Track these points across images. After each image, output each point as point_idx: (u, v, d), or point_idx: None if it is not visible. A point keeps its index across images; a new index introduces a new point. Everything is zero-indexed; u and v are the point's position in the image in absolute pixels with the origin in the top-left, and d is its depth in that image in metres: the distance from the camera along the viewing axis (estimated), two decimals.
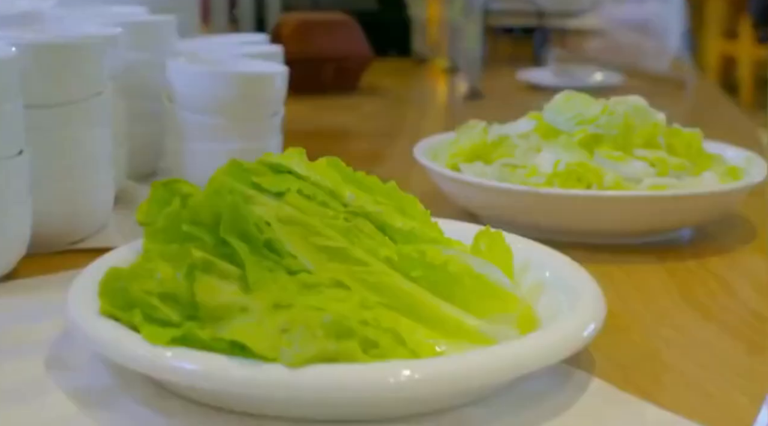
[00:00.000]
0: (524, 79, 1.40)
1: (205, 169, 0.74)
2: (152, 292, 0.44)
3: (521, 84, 1.40)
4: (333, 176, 0.51)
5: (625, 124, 0.67)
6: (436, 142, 0.77)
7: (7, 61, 0.55)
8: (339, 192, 0.50)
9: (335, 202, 0.50)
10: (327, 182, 0.50)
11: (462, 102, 1.27)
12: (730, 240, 0.69)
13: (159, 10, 0.88)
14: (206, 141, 0.75)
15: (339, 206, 0.49)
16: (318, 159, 0.53)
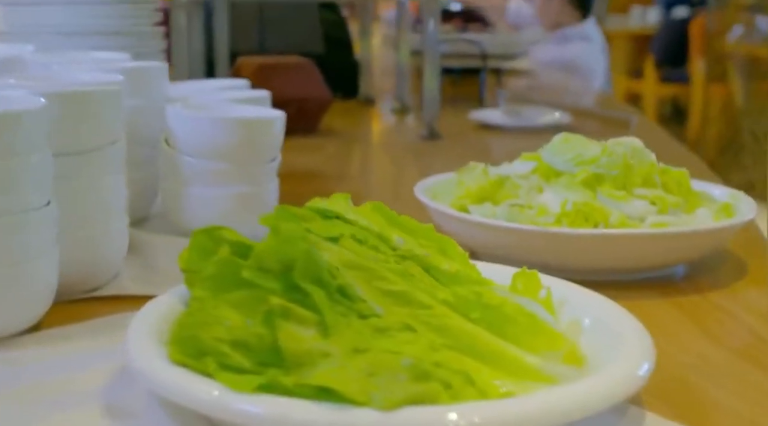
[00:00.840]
0: (476, 119, 1.44)
1: (206, 213, 0.75)
2: (223, 339, 0.44)
3: (473, 123, 1.44)
4: (378, 220, 0.52)
5: (625, 165, 0.70)
6: (431, 184, 0.79)
7: (37, 112, 0.55)
8: (387, 236, 0.51)
9: (384, 246, 0.51)
10: (374, 226, 0.51)
11: (421, 142, 1.29)
12: (724, 273, 0.72)
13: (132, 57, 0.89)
14: (208, 185, 0.75)
15: (388, 250, 0.50)
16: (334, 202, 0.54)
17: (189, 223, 0.76)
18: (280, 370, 0.42)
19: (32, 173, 0.55)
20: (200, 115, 0.75)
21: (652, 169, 0.72)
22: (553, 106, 1.45)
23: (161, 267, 0.70)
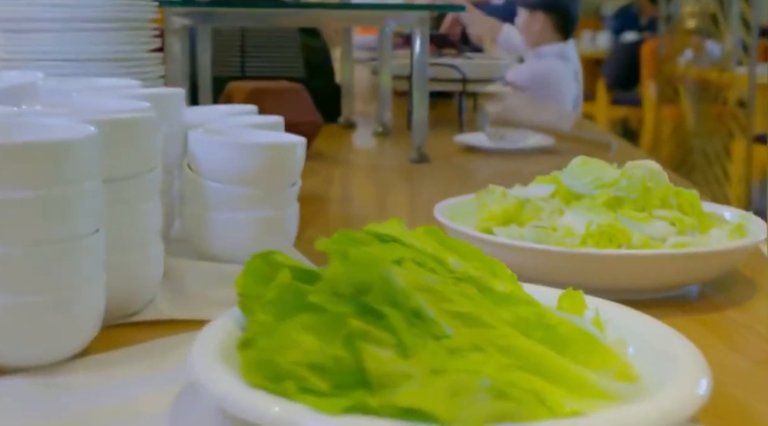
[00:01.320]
0: (461, 142, 1.46)
1: (230, 237, 0.76)
2: (300, 363, 0.45)
3: (458, 146, 1.46)
4: (432, 243, 0.53)
5: (644, 187, 0.72)
6: (447, 207, 0.80)
7: (89, 140, 0.55)
8: (443, 258, 0.52)
9: (442, 269, 0.52)
10: (430, 249, 0.53)
11: (412, 165, 1.31)
12: (736, 291, 0.75)
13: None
14: (232, 210, 0.76)
15: (446, 272, 0.52)
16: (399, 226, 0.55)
17: (212, 248, 0.76)
18: (364, 391, 0.43)
19: (84, 200, 0.55)
20: (225, 140, 0.76)
21: (669, 191, 0.74)
22: (535, 129, 1.47)
23: (191, 291, 0.70)
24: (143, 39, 1.08)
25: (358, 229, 0.53)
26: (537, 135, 1.46)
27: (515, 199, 0.74)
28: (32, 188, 0.52)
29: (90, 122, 0.58)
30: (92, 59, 1.03)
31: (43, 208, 0.53)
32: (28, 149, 0.52)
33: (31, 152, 0.52)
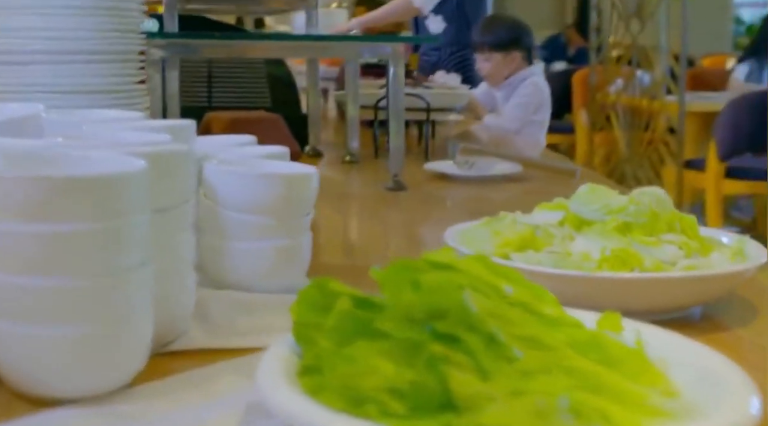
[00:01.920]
0: (431, 169, 1.49)
1: (247, 266, 0.77)
2: (380, 387, 0.46)
3: (428, 174, 1.49)
4: (483, 270, 0.55)
5: (652, 213, 0.75)
6: (456, 233, 0.82)
7: (140, 173, 0.56)
8: (496, 284, 0.54)
9: (495, 295, 0.54)
10: (483, 276, 0.55)
11: (388, 193, 1.33)
12: (737, 311, 0.78)
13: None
14: (248, 239, 0.77)
15: (500, 298, 0.54)
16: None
17: (229, 277, 0.77)
18: (449, 413, 0.44)
19: (137, 233, 0.56)
20: (244, 171, 0.77)
21: (674, 216, 0.77)
22: (502, 158, 1.51)
23: (218, 320, 0.71)
24: (132, 71, 1.08)
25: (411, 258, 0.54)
26: (504, 163, 1.49)
27: (528, 225, 0.77)
28: (90, 221, 0.53)
29: (136, 155, 0.58)
30: (81, 91, 1.03)
31: (100, 240, 0.54)
32: (88, 182, 0.53)
33: (90, 185, 0.53)
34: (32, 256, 0.53)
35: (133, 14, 1.08)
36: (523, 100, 2.87)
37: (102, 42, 1.03)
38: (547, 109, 2.98)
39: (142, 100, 1.10)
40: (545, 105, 2.96)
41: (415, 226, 1.19)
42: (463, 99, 1.93)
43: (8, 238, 0.53)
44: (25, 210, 0.52)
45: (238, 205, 0.76)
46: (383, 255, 1.01)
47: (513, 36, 2.94)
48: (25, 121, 0.84)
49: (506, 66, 2.94)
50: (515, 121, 2.79)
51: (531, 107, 2.87)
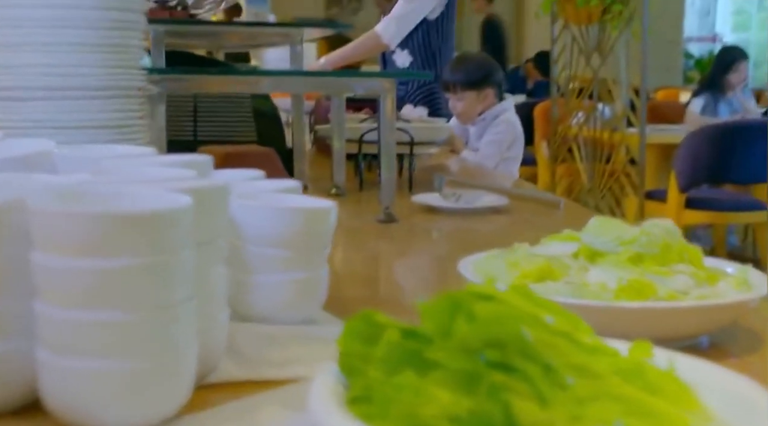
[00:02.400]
0: (418, 202, 1.51)
1: (267, 299, 0.78)
2: (438, 415, 0.48)
3: (416, 206, 1.51)
4: (523, 301, 0.57)
5: (663, 244, 0.78)
6: (469, 265, 0.84)
7: (188, 209, 0.57)
8: (538, 315, 0.56)
9: (537, 324, 0.55)
10: (525, 306, 0.56)
11: (380, 225, 1.35)
12: (742, 339, 0.81)
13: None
14: (269, 273, 0.78)
15: (542, 328, 0.55)
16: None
17: (251, 309, 0.78)
18: None
19: (183, 268, 0.57)
20: (264, 205, 0.78)
21: (683, 247, 0.80)
22: (488, 190, 1.53)
23: (247, 352, 0.72)
24: (134, 106, 1.09)
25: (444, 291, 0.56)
26: (490, 195, 1.52)
27: (544, 257, 0.79)
28: (143, 256, 0.54)
29: (179, 191, 0.60)
30: (84, 127, 1.04)
31: (152, 275, 0.55)
32: (142, 218, 0.54)
33: (144, 221, 0.54)
34: (86, 291, 0.54)
35: (134, 50, 1.09)
36: (497, 138, 2.90)
37: (105, 78, 1.04)
38: (520, 145, 3.02)
39: (143, 135, 1.11)
40: (518, 141, 3.01)
41: (412, 257, 1.21)
42: (444, 133, 1.96)
43: (63, 273, 0.54)
44: (81, 245, 0.53)
45: (259, 239, 0.77)
46: (391, 287, 1.03)
47: (484, 73, 2.99)
48: (38, 157, 0.84)
49: (480, 103, 2.98)
50: (491, 159, 2.83)
51: (505, 144, 2.91)
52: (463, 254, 1.24)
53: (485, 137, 2.95)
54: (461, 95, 2.98)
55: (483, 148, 2.88)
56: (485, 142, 2.91)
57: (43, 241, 0.54)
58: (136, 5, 1.08)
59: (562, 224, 1.51)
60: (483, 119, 3.03)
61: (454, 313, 0.53)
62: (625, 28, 4.13)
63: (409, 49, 3.24)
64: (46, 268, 0.54)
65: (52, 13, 1.01)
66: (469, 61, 3.07)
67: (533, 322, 0.55)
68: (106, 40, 1.05)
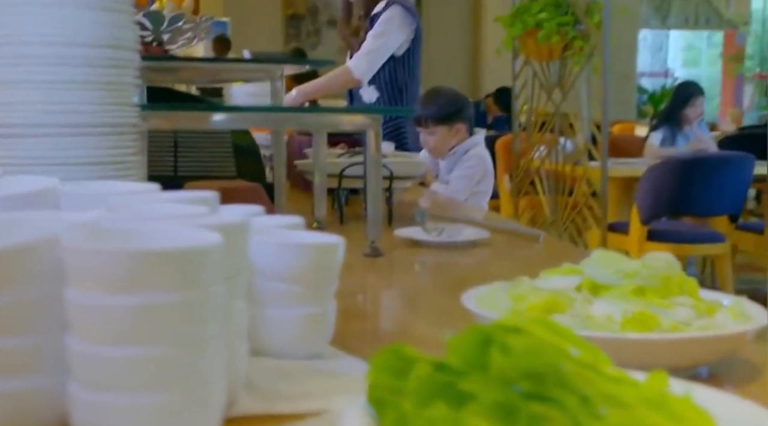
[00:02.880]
0: (401, 236, 1.52)
1: (277, 333, 0.79)
2: None
3: (398, 240, 1.52)
4: (548, 333, 0.59)
5: (664, 276, 0.80)
6: (473, 298, 0.86)
7: (219, 246, 0.58)
8: (563, 346, 0.58)
9: (565, 356, 0.57)
10: (551, 338, 0.58)
11: (366, 259, 1.36)
12: (742, 369, 0.83)
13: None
14: (279, 307, 0.79)
15: (569, 359, 0.57)
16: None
17: (261, 343, 0.79)
18: None
19: (214, 303, 0.58)
20: (276, 241, 0.79)
21: (682, 279, 0.82)
22: (469, 224, 1.56)
23: (262, 386, 0.72)
24: (128, 143, 1.09)
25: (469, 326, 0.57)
26: (471, 229, 1.54)
27: (550, 290, 0.80)
28: (176, 292, 0.55)
29: (205, 227, 0.61)
30: (80, 163, 1.04)
31: (185, 311, 0.55)
32: (175, 255, 0.55)
33: (177, 258, 0.55)
34: (119, 327, 0.54)
35: (128, 88, 1.10)
36: (468, 172, 2.93)
37: (101, 115, 1.05)
38: (489, 179, 3.06)
39: (136, 171, 1.11)
40: (488, 175, 3.04)
41: (403, 290, 1.23)
42: (422, 168, 1.99)
43: (97, 310, 0.54)
44: (115, 282, 0.54)
45: (270, 274, 0.78)
46: (388, 320, 1.04)
47: (456, 108, 3.02)
48: (43, 194, 0.84)
49: (452, 138, 3.01)
50: (461, 193, 2.85)
51: (475, 178, 2.94)
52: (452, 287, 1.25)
53: (455, 171, 2.98)
54: (433, 129, 3.01)
55: (453, 182, 2.91)
56: (456, 176, 2.94)
57: (78, 277, 0.55)
58: (130, 43, 1.09)
59: (542, 257, 1.55)
60: (454, 153, 3.07)
61: (484, 347, 0.54)
62: (586, 63, 4.21)
63: (376, 84, 3.26)
64: (79, 305, 0.55)
65: (51, 50, 1.02)
66: (441, 95, 3.10)
67: (562, 353, 0.57)
68: (103, 78, 1.05)
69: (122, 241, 0.58)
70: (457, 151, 3.06)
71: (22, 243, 0.55)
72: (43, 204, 0.83)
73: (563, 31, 4.15)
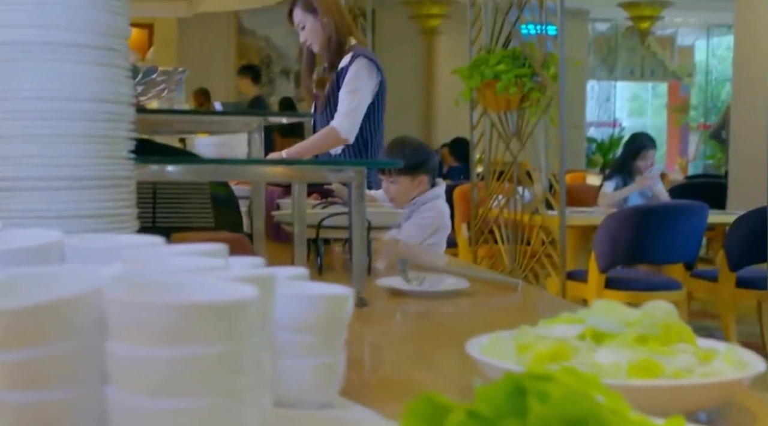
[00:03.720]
0: (382, 285, 1.54)
1: (291, 383, 0.80)
2: None
3: (381, 289, 1.54)
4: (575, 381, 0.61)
5: (666, 325, 0.83)
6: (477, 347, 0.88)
7: (257, 298, 0.59)
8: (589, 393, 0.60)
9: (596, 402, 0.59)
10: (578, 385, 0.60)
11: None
12: (740, 414, 0.86)
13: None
14: (292, 358, 0.80)
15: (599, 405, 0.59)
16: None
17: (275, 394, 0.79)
18: None
19: (253, 355, 0.59)
20: (291, 292, 0.80)
21: (681, 328, 0.85)
22: (449, 273, 1.58)
23: None
24: (123, 196, 1.10)
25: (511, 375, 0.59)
26: (452, 278, 1.56)
27: (556, 339, 0.83)
28: (219, 344, 0.56)
29: (237, 280, 0.62)
30: (79, 216, 1.05)
31: (225, 363, 0.57)
32: (220, 308, 0.56)
33: (221, 311, 0.56)
34: (161, 379, 0.55)
35: (123, 141, 1.11)
36: (422, 222, 2.96)
37: (98, 168, 1.06)
38: (443, 233, 3.08)
39: (131, 224, 1.12)
40: (443, 229, 3.07)
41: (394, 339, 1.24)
42: (398, 217, 2.01)
43: (140, 362, 0.55)
44: (159, 334, 0.55)
45: (283, 324, 0.79)
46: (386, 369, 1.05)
47: (420, 159, 3.06)
48: (48, 248, 0.85)
49: (414, 189, 3.04)
50: (412, 240, 2.87)
51: (429, 230, 2.96)
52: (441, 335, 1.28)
53: (411, 219, 3.01)
54: (395, 179, 3.04)
55: (406, 229, 2.93)
56: (410, 223, 2.96)
57: (121, 330, 0.56)
58: (127, 98, 1.11)
59: (521, 305, 1.57)
60: (414, 204, 3.10)
61: (518, 395, 0.56)
62: (543, 114, 4.29)
63: None
64: (122, 357, 0.56)
65: (49, 105, 1.03)
66: (406, 145, 3.13)
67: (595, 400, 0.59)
68: (100, 132, 1.06)
69: (162, 293, 0.59)
70: (417, 202, 3.10)
71: (68, 296, 0.55)
72: (49, 257, 0.84)
73: (521, 83, 4.24)
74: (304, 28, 3.10)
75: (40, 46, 1.05)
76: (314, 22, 3.05)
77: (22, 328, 0.55)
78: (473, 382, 0.59)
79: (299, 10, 3.09)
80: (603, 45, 13.84)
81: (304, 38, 3.11)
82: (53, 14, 1.05)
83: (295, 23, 3.09)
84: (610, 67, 13.92)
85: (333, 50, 3.06)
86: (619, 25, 13.39)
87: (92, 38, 1.06)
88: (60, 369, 0.57)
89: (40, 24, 1.05)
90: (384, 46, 9.97)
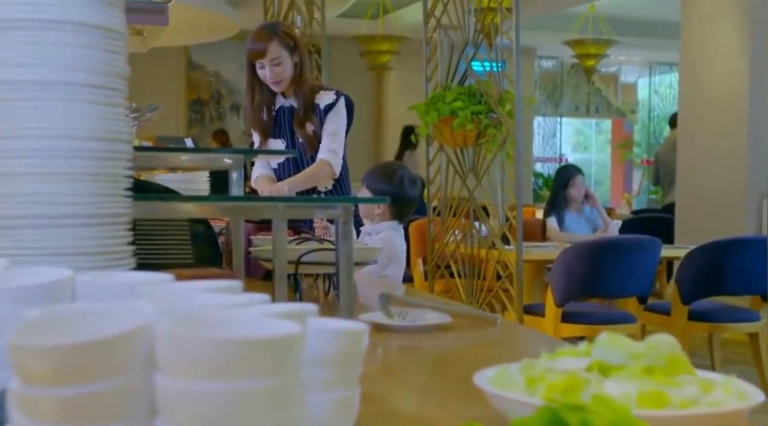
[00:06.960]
0: (367, 320, 1.55)
1: (312, 416, 0.81)
2: None
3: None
4: (606, 410, 0.63)
5: (670, 357, 0.86)
6: (484, 380, 0.90)
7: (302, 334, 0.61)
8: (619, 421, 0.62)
9: None
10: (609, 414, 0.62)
11: None
12: None
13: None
14: (314, 392, 0.81)
15: None
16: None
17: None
18: None
19: (298, 389, 0.60)
20: (311, 327, 0.82)
21: (683, 360, 0.88)
22: (430, 308, 1.60)
23: None
24: (121, 233, 1.11)
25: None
26: (433, 313, 1.58)
27: (566, 371, 0.85)
28: (267, 379, 0.57)
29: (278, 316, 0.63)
30: (79, 254, 1.05)
31: (275, 397, 0.58)
32: (271, 343, 0.58)
33: (272, 346, 0.58)
34: (211, 414, 0.57)
35: (120, 179, 1.12)
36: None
37: (96, 206, 1.07)
38: (398, 267, 3.10)
39: (128, 261, 1.12)
40: (396, 263, 3.09)
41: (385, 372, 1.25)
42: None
43: (189, 396, 0.56)
44: (209, 369, 0.56)
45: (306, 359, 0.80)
46: (384, 403, 1.06)
47: (391, 189, 3.08)
48: (61, 284, 0.85)
49: (373, 209, 3.08)
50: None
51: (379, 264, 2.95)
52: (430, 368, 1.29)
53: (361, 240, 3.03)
54: (364, 191, 3.08)
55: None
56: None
57: (172, 364, 0.57)
58: (125, 136, 1.12)
59: (501, 339, 1.60)
60: (368, 233, 3.12)
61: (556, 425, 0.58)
62: (499, 150, 4.35)
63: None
64: (171, 391, 0.57)
65: (49, 144, 1.04)
66: (385, 170, 3.17)
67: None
68: (98, 170, 1.07)
69: (209, 329, 0.60)
70: (371, 231, 3.12)
71: (121, 331, 0.56)
72: (60, 294, 0.84)
73: (477, 120, 4.29)
74: (279, 64, 3.03)
75: (39, 85, 1.05)
76: (289, 58, 3.03)
77: (76, 364, 0.56)
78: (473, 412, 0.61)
79: (277, 45, 3.02)
80: (549, 82, 14.08)
81: (274, 74, 3.01)
82: (53, 53, 1.06)
83: (267, 58, 3.00)
84: (556, 104, 14.15)
85: (306, 88, 3.07)
86: (565, 63, 13.64)
87: (92, 77, 1.07)
88: (110, 404, 0.58)
89: (39, 63, 1.06)
90: (335, 82, 10.02)
